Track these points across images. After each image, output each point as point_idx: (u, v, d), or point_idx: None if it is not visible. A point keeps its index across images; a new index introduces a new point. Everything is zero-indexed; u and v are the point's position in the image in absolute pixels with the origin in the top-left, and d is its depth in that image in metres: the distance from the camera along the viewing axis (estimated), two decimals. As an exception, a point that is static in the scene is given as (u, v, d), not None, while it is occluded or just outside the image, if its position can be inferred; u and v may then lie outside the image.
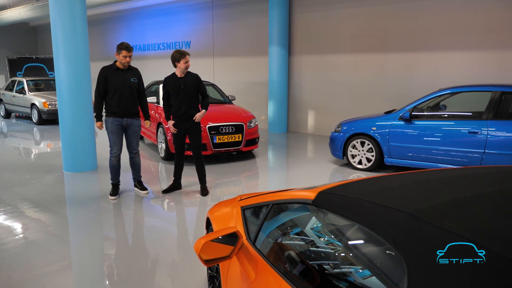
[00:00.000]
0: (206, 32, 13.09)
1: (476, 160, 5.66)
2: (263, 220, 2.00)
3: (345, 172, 6.97)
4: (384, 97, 9.53)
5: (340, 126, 7.13)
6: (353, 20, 9.93)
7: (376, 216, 1.34)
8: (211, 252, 1.77)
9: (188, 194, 5.76)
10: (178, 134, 5.47)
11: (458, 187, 1.54)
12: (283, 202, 1.95)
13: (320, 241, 1.75)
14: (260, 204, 2.14)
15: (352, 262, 1.54)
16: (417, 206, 1.31)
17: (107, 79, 5.14)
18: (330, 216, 1.71)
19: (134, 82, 5.32)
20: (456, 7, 8.37)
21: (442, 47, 8.64)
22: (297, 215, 1.95)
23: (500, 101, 5.61)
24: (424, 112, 6.34)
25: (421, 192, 1.50)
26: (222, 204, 2.72)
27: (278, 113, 11.17)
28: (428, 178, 1.71)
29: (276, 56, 10.85)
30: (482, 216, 1.23)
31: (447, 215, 1.23)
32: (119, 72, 5.23)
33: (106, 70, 5.21)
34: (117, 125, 5.23)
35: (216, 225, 2.41)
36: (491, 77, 7.88)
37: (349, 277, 1.47)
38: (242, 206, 2.33)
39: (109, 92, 5.19)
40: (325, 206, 1.62)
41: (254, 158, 8.12)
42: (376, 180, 1.75)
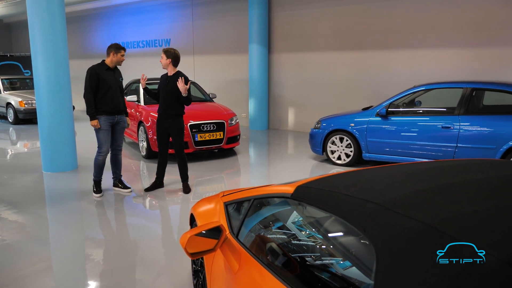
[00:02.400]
0: (186, 30, 13.07)
1: (449, 153, 5.88)
2: (245, 214, 2.10)
3: (325, 167, 7.12)
4: (362, 94, 9.74)
5: (319, 123, 7.28)
6: (331, 19, 10.10)
7: (348, 206, 1.45)
8: (196, 245, 1.85)
9: (170, 192, 5.81)
10: (159, 133, 5.51)
11: (422, 179, 1.66)
12: (264, 197, 2.05)
13: (299, 232, 1.86)
14: (242, 199, 2.23)
15: (329, 251, 1.65)
16: (385, 197, 1.43)
17: (100, 78, 5.16)
18: (308, 209, 1.82)
19: (121, 81, 5.53)
20: (430, 6, 8.61)
21: (417, 45, 8.88)
22: (277, 208, 2.05)
23: (471, 97, 5.84)
24: (400, 108, 6.54)
25: (389, 184, 1.62)
26: (205, 200, 2.80)
27: (258, 110, 11.28)
28: (396, 172, 1.83)
29: (256, 54, 10.94)
30: (443, 204, 1.35)
31: (411, 204, 1.35)
32: (110, 71, 5.32)
33: (97, 69, 5.22)
34: (108, 124, 5.29)
35: (200, 221, 2.50)
36: (465, 74, 8.16)
37: (327, 265, 1.58)
38: (225, 202, 2.42)
39: (100, 90, 5.21)
40: (303, 199, 1.72)
41: (236, 155, 8.20)
42: (350, 174, 1.86)
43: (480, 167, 1.81)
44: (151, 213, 5.25)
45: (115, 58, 5.28)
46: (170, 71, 5.44)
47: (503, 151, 5.47)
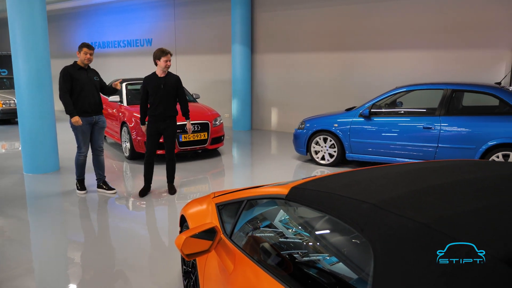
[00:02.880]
0: (168, 30, 12.98)
1: (430, 153, 6.03)
2: (239, 215, 2.12)
3: (309, 167, 7.19)
4: (345, 94, 9.87)
5: (303, 123, 7.35)
6: (313, 20, 10.20)
7: (345, 207, 1.48)
8: (191, 247, 1.86)
9: (155, 193, 5.77)
10: (153, 134, 5.40)
11: (416, 179, 1.71)
12: (257, 198, 2.07)
13: (294, 232, 1.89)
14: (235, 201, 2.25)
15: (324, 251, 1.69)
16: (380, 197, 1.47)
17: (73, 78, 5.12)
18: (303, 210, 1.85)
19: (97, 80, 5.42)
20: (412, 8, 8.80)
21: (399, 46, 9.06)
22: (271, 209, 2.08)
23: (451, 98, 6.00)
24: (382, 109, 6.66)
25: (384, 185, 1.67)
26: (196, 201, 2.81)
27: (242, 110, 11.29)
28: (390, 172, 1.88)
29: (239, 55, 10.95)
30: (438, 204, 1.41)
31: (407, 204, 1.40)
32: (82, 71, 5.25)
33: (70, 69, 5.18)
34: (86, 125, 5.26)
35: (192, 222, 2.50)
36: (446, 75, 8.36)
37: (322, 264, 1.62)
38: (217, 203, 2.43)
39: (74, 91, 5.16)
40: (298, 200, 1.75)
41: (220, 156, 8.20)
42: (344, 175, 1.90)
43: (470, 167, 1.87)
44: (136, 214, 5.21)
45: (82, 57, 5.19)
46: (162, 72, 5.32)
47: (482, 151, 5.64)
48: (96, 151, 5.52)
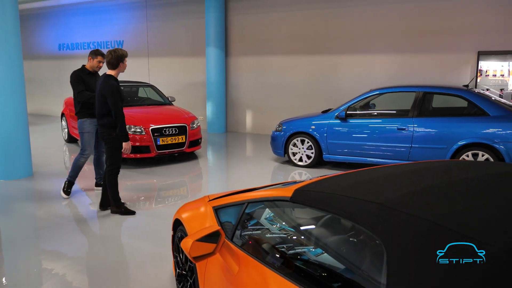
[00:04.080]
0: (140, 32, 12.81)
1: (404, 153, 6.26)
2: (240, 218, 2.16)
3: (287, 169, 7.30)
4: (318, 97, 10.06)
5: (280, 126, 7.45)
6: (286, 23, 10.35)
7: (352, 207, 1.56)
8: (197, 250, 1.90)
9: (133, 198, 5.70)
10: None
11: (416, 179, 1.82)
12: (259, 201, 2.12)
13: (299, 233, 1.95)
14: (234, 204, 2.29)
15: (330, 250, 1.76)
16: (386, 197, 1.56)
17: (84, 81, 5.34)
18: (307, 211, 1.92)
19: None
20: (381, 14, 9.09)
21: (369, 50, 9.33)
22: (275, 211, 2.13)
23: (423, 100, 6.25)
24: (357, 111, 6.85)
25: (387, 185, 1.76)
26: (190, 205, 2.83)
27: (216, 113, 11.30)
28: (390, 173, 1.97)
29: (213, 57, 10.96)
30: (441, 202, 1.50)
31: (412, 203, 1.49)
32: (92, 75, 5.50)
33: (80, 73, 5.43)
34: (94, 126, 5.35)
35: (189, 226, 2.52)
36: (413, 78, 8.69)
37: (330, 263, 1.69)
38: (214, 206, 2.46)
39: None
40: (303, 202, 1.82)
41: (197, 159, 8.18)
42: (345, 177, 1.98)
43: (466, 167, 2.00)
44: (115, 220, 5.10)
45: (94, 63, 5.47)
46: None
47: (453, 150, 5.91)
48: (101, 152, 5.63)
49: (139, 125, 7.09)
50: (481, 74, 8.03)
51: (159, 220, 4.95)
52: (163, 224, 4.68)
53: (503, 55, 7.84)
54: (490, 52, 7.90)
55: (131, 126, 7.06)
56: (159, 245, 4.08)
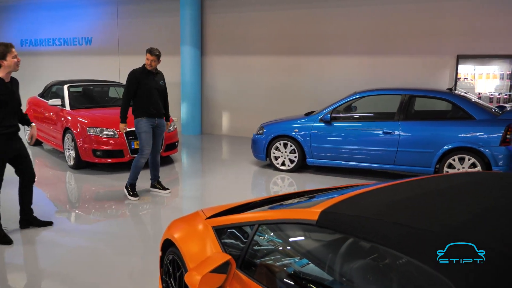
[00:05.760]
0: (110, 29, 12.22)
1: (390, 157, 6.12)
2: (249, 242, 1.86)
3: (268, 173, 7.03)
4: (297, 99, 9.86)
5: (262, 129, 7.17)
6: (264, 23, 10.09)
7: (402, 236, 1.30)
8: (206, 284, 1.59)
9: (104, 206, 5.28)
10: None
11: (462, 198, 1.58)
12: (275, 223, 1.82)
13: (323, 263, 1.67)
14: (241, 224, 1.98)
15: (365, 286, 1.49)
16: (443, 224, 1.30)
17: (140, 82, 5.26)
18: (338, 238, 1.63)
19: (163, 85, 5.57)
20: (361, 15, 8.99)
21: (348, 52, 9.22)
22: (296, 237, 1.84)
23: (409, 104, 6.14)
24: (341, 114, 6.66)
25: (431, 205, 1.51)
26: (182, 223, 2.49)
27: (191, 114, 10.90)
28: (426, 190, 1.73)
29: (188, 57, 10.56)
30: (506, 230, 1.26)
31: (478, 232, 1.24)
32: (151, 75, 5.38)
33: (137, 73, 5.35)
34: (149, 126, 5.35)
35: (185, 249, 2.18)
36: (393, 80, 8.62)
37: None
38: (214, 226, 2.15)
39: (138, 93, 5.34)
40: (334, 227, 1.54)
41: (173, 163, 7.79)
42: (376, 194, 1.72)
43: (494, 182, 1.78)
44: (86, 228, 4.67)
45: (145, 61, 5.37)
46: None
47: (439, 154, 5.82)
48: (156, 153, 5.59)
49: (112, 128, 6.64)
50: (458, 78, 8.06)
51: (134, 228, 4.58)
52: (139, 232, 4.32)
53: (482, 59, 7.88)
54: (469, 56, 7.93)
55: (103, 128, 6.60)
56: (141, 255, 3.71)
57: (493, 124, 5.60)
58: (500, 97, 7.69)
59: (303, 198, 2.39)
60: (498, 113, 5.81)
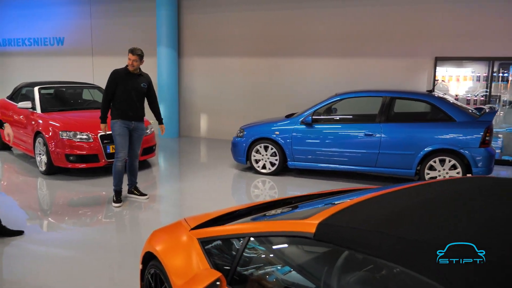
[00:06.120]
0: (83, 29, 11.84)
1: (372, 160, 6.09)
2: (239, 256, 1.72)
3: (248, 177, 6.90)
4: (276, 100, 9.78)
5: (242, 131, 7.04)
6: (243, 24, 9.97)
7: (410, 253, 1.19)
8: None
9: (77, 213, 5.03)
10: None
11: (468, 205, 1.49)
12: (266, 235, 1.69)
13: (324, 281, 1.54)
14: (229, 237, 1.84)
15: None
16: (452, 238, 1.20)
17: (119, 82, 5.09)
18: (336, 251, 1.52)
19: (144, 87, 5.29)
20: (339, 17, 8.98)
21: (327, 53, 9.19)
22: (290, 251, 1.71)
23: (390, 106, 6.13)
24: (322, 116, 6.60)
25: (435, 216, 1.41)
26: (165, 234, 2.33)
27: (168, 117, 10.63)
28: (427, 196, 1.63)
29: (165, 58, 10.32)
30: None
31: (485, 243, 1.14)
32: (131, 75, 5.17)
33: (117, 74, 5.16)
34: (125, 128, 5.16)
35: (169, 263, 2.02)
36: (371, 82, 8.64)
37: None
38: (200, 238, 2.00)
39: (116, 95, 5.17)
40: (333, 241, 1.42)
41: (150, 167, 7.56)
42: (376, 203, 1.61)
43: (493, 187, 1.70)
44: (57, 236, 4.43)
45: None
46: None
47: (420, 156, 5.82)
48: (133, 157, 5.41)
49: (86, 132, 6.37)
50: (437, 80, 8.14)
51: (110, 236, 4.37)
52: (115, 241, 4.11)
53: (460, 61, 7.99)
54: (447, 58, 8.02)
55: (76, 132, 6.32)
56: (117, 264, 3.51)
57: (473, 126, 5.65)
58: (477, 99, 7.80)
59: (292, 206, 2.27)
60: (477, 115, 5.86)
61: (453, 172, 5.73)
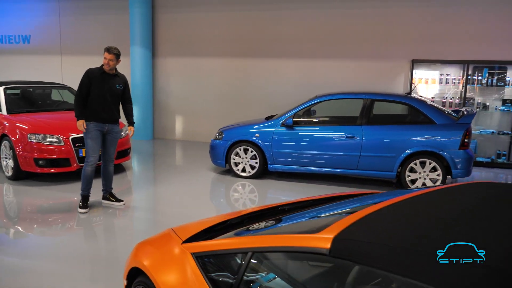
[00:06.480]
0: (51, 26, 11.33)
1: (353, 162, 6.05)
2: (241, 274, 1.57)
3: (227, 180, 6.73)
4: (252, 101, 9.65)
5: (221, 134, 6.86)
6: (219, 24, 9.79)
7: (444, 275, 1.07)
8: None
9: (48, 220, 4.74)
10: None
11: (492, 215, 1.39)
12: (272, 250, 1.55)
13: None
14: (230, 252, 1.69)
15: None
16: (497, 256, 1.09)
17: (92, 82, 4.82)
18: (351, 268, 1.38)
19: (119, 88, 5.01)
20: (314, 19, 8.94)
21: (305, 54, 9.13)
22: (298, 267, 1.56)
23: (371, 108, 6.10)
24: (303, 118, 6.51)
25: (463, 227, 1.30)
26: (153, 247, 2.14)
27: (142, 119, 10.33)
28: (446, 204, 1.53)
29: (139, 58, 10.00)
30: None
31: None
32: (106, 75, 4.92)
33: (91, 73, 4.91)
34: (98, 131, 4.89)
35: (161, 280, 1.84)
36: (348, 84, 8.65)
37: None
38: (195, 253, 1.83)
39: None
40: (352, 259, 1.29)
41: (125, 171, 7.27)
42: (392, 212, 1.49)
43: None
44: (25, 245, 4.14)
45: None
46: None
47: (401, 159, 5.82)
48: (107, 162, 5.15)
49: (57, 134, 6.03)
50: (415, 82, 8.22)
51: (83, 246, 4.11)
52: (89, 251, 3.86)
53: (435, 63, 8.09)
54: (423, 60, 8.11)
55: (46, 135, 5.98)
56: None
57: (453, 128, 5.69)
58: (452, 101, 7.92)
59: (291, 215, 2.14)
60: (456, 117, 5.92)
61: (434, 174, 5.76)
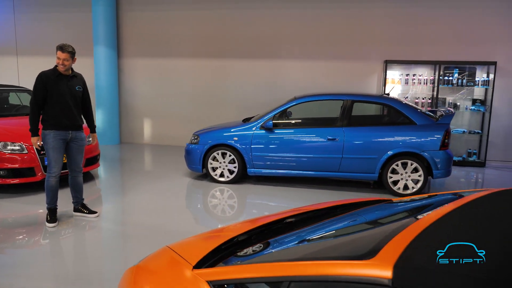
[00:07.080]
0: (4, 24, 10.57)
1: (335, 164, 5.95)
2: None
3: (204, 185, 6.46)
4: (224, 103, 9.42)
5: (197, 137, 6.57)
6: (189, 23, 9.48)
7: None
8: None
9: (13, 233, 4.30)
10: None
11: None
12: (315, 280, 1.33)
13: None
14: (259, 280, 1.46)
15: None
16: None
17: (48, 87, 4.38)
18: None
19: (79, 90, 4.61)
20: (290, 19, 8.83)
21: (278, 55, 9.00)
22: None
23: (351, 109, 6.02)
24: (282, 120, 6.34)
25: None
26: (154, 275, 1.87)
27: (108, 122, 9.84)
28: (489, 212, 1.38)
29: (103, 58, 9.50)
30: None
31: None
32: (63, 77, 4.47)
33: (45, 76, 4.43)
34: (60, 140, 4.50)
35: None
36: (322, 85, 8.59)
37: None
38: (212, 281, 1.59)
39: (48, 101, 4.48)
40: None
41: (94, 179, 6.82)
42: (454, 218, 1.33)
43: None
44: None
45: None
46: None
47: (383, 160, 5.78)
48: (75, 172, 4.76)
49: (19, 142, 5.54)
50: (387, 82, 8.27)
51: (52, 263, 3.74)
52: (59, 269, 3.51)
53: (408, 64, 8.17)
54: (396, 61, 8.17)
55: (6, 143, 5.48)
56: None
57: (433, 129, 5.71)
58: (425, 101, 8.03)
59: (310, 228, 1.94)
60: (435, 117, 5.95)
61: (415, 175, 5.76)
